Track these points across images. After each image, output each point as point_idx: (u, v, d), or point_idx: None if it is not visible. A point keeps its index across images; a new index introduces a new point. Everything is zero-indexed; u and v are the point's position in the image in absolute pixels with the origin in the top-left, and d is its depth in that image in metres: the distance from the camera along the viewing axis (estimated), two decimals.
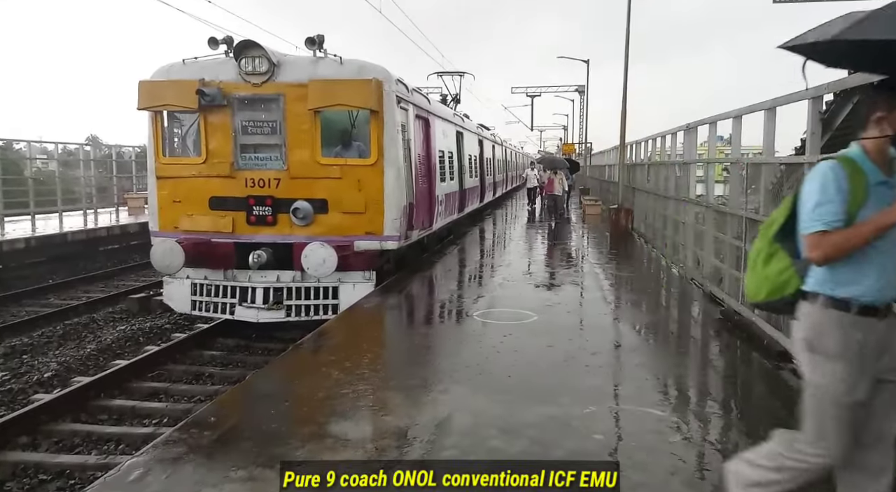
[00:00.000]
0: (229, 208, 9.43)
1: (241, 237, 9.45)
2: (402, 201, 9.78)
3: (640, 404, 5.08)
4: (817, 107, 6.11)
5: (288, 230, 9.37)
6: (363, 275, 9.44)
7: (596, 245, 16.25)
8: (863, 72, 4.00)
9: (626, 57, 18.04)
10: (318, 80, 9.07)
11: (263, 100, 9.32)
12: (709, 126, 9.91)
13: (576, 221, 22.13)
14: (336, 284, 9.37)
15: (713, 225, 9.38)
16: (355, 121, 9.70)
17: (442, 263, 12.61)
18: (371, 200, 9.32)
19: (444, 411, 4.85)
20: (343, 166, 9.36)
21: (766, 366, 6.23)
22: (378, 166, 9.37)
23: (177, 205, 9.61)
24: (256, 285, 9.42)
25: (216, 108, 9.26)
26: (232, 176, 9.40)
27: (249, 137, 9.41)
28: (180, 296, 9.81)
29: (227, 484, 3.78)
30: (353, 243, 9.33)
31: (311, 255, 8.81)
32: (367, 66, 9.46)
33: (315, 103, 9.04)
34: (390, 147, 9.45)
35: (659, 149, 15.00)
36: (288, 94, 9.18)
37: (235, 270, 9.50)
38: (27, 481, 5.85)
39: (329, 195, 9.31)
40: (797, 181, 6.42)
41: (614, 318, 8.42)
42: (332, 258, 8.77)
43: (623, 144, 19.00)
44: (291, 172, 9.32)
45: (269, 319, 9.38)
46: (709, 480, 3.91)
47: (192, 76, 9.25)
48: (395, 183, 9.54)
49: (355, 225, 9.36)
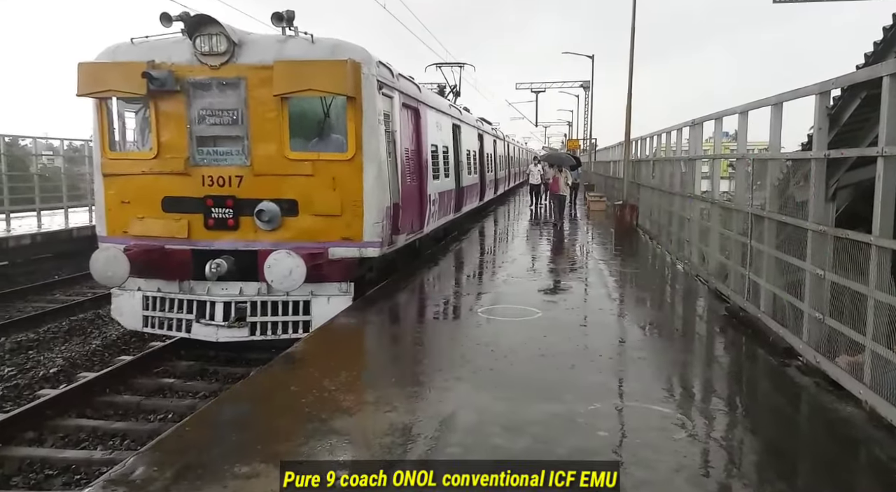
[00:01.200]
0: (185, 210, 8.29)
1: (199, 243, 8.31)
2: (385, 202, 8.67)
3: (644, 401, 5.06)
4: (824, 102, 6.06)
5: (252, 235, 8.24)
6: (339, 287, 8.31)
7: (601, 242, 16.21)
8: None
9: (631, 52, 17.96)
10: (285, 61, 7.90)
11: (222, 85, 8.15)
12: (714, 122, 9.85)
13: (580, 217, 22.08)
14: (307, 297, 8.22)
15: (719, 221, 9.34)
16: (329, 109, 8.45)
17: (435, 269, 11.65)
18: (348, 201, 8.20)
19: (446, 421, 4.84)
20: (315, 162, 8.18)
21: (771, 363, 6.20)
22: (356, 162, 8.21)
23: (126, 206, 8.49)
24: (216, 299, 8.26)
25: (168, 94, 8.12)
26: (187, 173, 8.24)
27: (207, 127, 8.24)
28: (130, 311, 8.66)
29: None
30: (327, 251, 8.20)
31: (275, 265, 7.68)
32: (343, 45, 8.25)
33: (281, 88, 7.89)
34: (370, 139, 8.28)
35: (664, 145, 14.93)
36: (251, 77, 8.03)
37: (193, 282, 8.38)
38: (33, 476, 5.89)
39: (299, 195, 8.19)
40: (803, 177, 6.39)
41: (619, 315, 8.39)
42: (300, 269, 7.65)
43: (628, 140, 18.94)
44: (255, 169, 8.19)
45: (230, 338, 8.25)
46: (713, 477, 3.90)
47: (140, 58, 8.08)
48: (377, 181, 8.37)
49: (330, 229, 8.24)
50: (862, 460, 4.37)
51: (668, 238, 13.46)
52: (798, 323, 6.16)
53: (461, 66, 20.98)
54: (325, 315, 7.98)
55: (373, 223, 8.33)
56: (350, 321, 7.74)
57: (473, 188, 18.26)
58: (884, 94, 4.77)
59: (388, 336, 7.72)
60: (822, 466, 4.27)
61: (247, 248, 8.26)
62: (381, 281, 9.67)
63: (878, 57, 7.33)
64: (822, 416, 5.07)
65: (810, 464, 4.36)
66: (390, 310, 8.65)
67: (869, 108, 6.70)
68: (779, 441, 4.54)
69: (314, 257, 7.97)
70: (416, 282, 10.39)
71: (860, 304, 5.00)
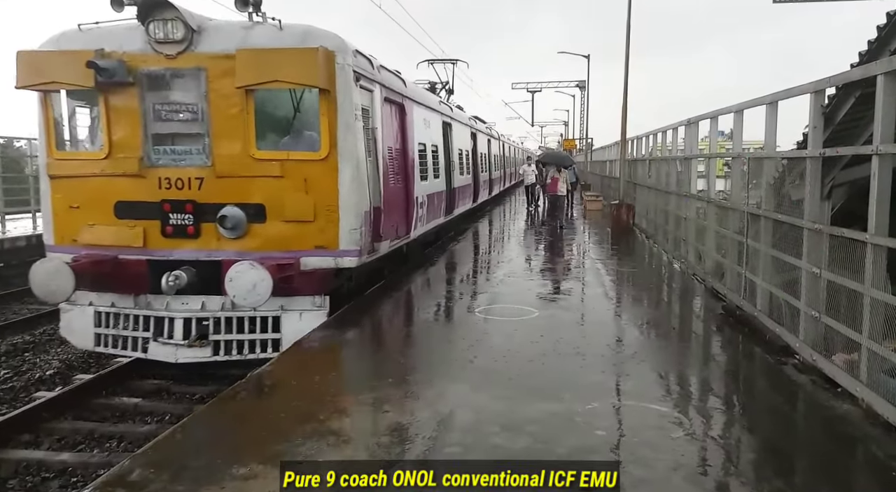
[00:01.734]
0: (139, 216, 7.49)
1: (156, 253, 7.52)
2: (364, 205, 7.87)
3: (642, 400, 5.07)
4: (819, 101, 6.08)
5: (215, 244, 7.48)
6: (313, 301, 7.60)
7: (597, 241, 16.23)
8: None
9: (626, 52, 17.99)
10: (249, 49, 7.16)
11: (180, 76, 7.39)
12: (710, 121, 9.88)
13: (577, 216, 22.08)
14: (277, 313, 7.47)
15: (715, 220, 9.37)
16: (300, 103, 7.76)
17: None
18: (322, 205, 7.45)
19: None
20: (285, 162, 7.41)
21: (768, 361, 6.21)
22: (330, 161, 7.45)
23: (75, 212, 7.66)
24: (175, 315, 7.46)
25: (119, 87, 7.34)
26: (142, 175, 7.45)
27: (164, 124, 7.49)
28: (81, 328, 7.81)
29: None
30: (298, 261, 7.44)
31: (237, 278, 6.89)
32: (315, 32, 7.50)
33: (245, 80, 7.16)
34: (346, 136, 7.51)
35: (660, 144, 14.96)
36: (211, 68, 7.27)
37: (150, 296, 7.60)
38: (30, 479, 5.87)
39: (267, 199, 7.43)
40: (799, 176, 6.41)
41: (616, 314, 8.41)
42: (265, 282, 6.88)
43: (624, 140, 18.97)
44: (218, 170, 7.40)
45: (191, 358, 7.44)
46: (711, 475, 3.91)
47: (87, 46, 7.28)
48: (354, 182, 7.58)
49: (302, 237, 7.47)
50: (859, 458, 4.38)
51: (665, 237, 13.49)
52: (794, 321, 6.19)
53: (454, 63, 20.24)
54: (297, 332, 7.24)
55: (350, 230, 7.56)
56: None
57: (466, 189, 17.55)
58: (878, 93, 4.80)
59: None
60: (820, 463, 4.28)
61: (209, 258, 7.48)
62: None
63: (872, 55, 7.37)
64: (818, 414, 5.08)
65: (807, 462, 4.37)
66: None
67: (864, 106, 6.73)
68: (776, 439, 4.55)
69: (283, 268, 7.25)
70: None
71: (856, 302, 5.02)
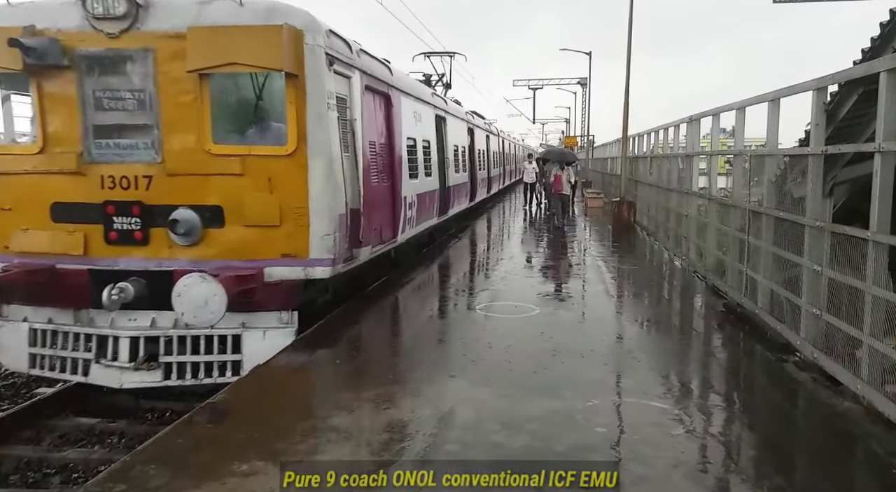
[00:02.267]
0: (79, 220, 6.63)
1: (99, 262, 6.65)
2: (339, 207, 6.99)
3: (642, 397, 5.07)
4: (822, 98, 6.06)
5: (166, 252, 6.62)
6: (279, 317, 6.75)
7: (598, 238, 16.22)
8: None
9: (628, 50, 17.97)
10: (203, 27, 6.28)
11: (124, 58, 6.48)
12: (712, 118, 9.86)
13: (578, 214, 22.01)
14: (237, 331, 6.65)
15: (716, 217, 9.36)
16: (263, 90, 6.83)
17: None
18: (289, 208, 6.59)
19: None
20: (246, 157, 6.57)
21: (768, 358, 6.21)
22: (299, 157, 6.59)
23: (5, 215, 6.80)
24: (121, 333, 6.60)
25: (54, 70, 6.44)
26: (81, 172, 6.57)
27: (106, 114, 6.58)
28: (14, 347, 6.95)
29: None
30: (262, 271, 6.59)
31: (185, 293, 6.04)
32: (280, 8, 6.58)
33: (198, 62, 6.29)
34: (317, 129, 6.64)
35: (661, 141, 14.94)
36: (160, 49, 6.42)
37: (93, 311, 6.76)
38: (31, 475, 5.88)
39: (225, 200, 6.58)
40: (801, 173, 6.40)
41: (617, 311, 8.41)
42: (219, 298, 5.99)
43: (625, 137, 18.95)
44: (169, 167, 6.56)
45: (139, 384, 6.61)
46: (711, 473, 3.91)
47: (16, 23, 6.40)
48: (326, 181, 6.70)
49: (266, 244, 6.62)
50: (859, 455, 4.38)
51: (666, 234, 13.48)
52: (795, 319, 6.18)
53: (451, 56, 19.50)
54: (260, 353, 6.41)
55: (322, 235, 6.67)
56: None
57: (462, 188, 16.65)
58: (881, 90, 4.78)
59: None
60: (820, 461, 4.28)
61: (159, 267, 6.59)
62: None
63: (874, 53, 7.33)
64: (819, 411, 5.08)
65: (808, 459, 4.37)
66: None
67: (866, 103, 6.71)
68: (776, 436, 4.56)
69: (244, 280, 6.40)
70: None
71: (857, 299, 5.01)
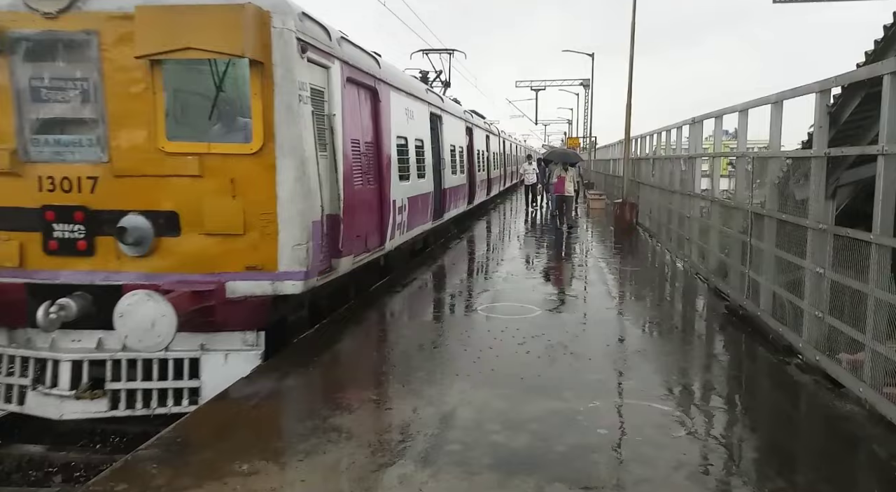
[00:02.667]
0: (14, 227, 5.93)
1: (37, 275, 5.94)
2: (314, 213, 6.24)
3: (644, 399, 5.07)
4: (825, 100, 6.06)
5: (114, 264, 5.89)
6: (243, 338, 6.03)
7: (600, 239, 16.20)
8: None
9: (631, 50, 17.95)
10: (153, 6, 5.52)
11: (64, 42, 5.78)
12: (714, 120, 9.86)
13: (580, 215, 21.96)
14: (196, 354, 5.95)
15: (718, 219, 9.35)
16: (224, 79, 6.00)
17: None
18: (255, 214, 5.84)
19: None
20: (205, 156, 5.82)
21: (771, 360, 6.21)
22: (266, 156, 5.85)
23: None
24: (61, 356, 5.88)
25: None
26: (16, 173, 5.88)
27: (44, 106, 5.88)
28: None
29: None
30: (223, 286, 5.83)
31: (129, 313, 5.25)
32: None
33: (148, 47, 5.51)
34: (287, 124, 5.89)
35: (664, 143, 14.94)
36: (105, 32, 5.69)
37: (31, 331, 6.05)
38: (32, 473, 5.88)
39: (182, 206, 5.85)
40: (804, 175, 6.39)
41: (619, 312, 8.40)
42: (168, 319, 5.22)
43: (628, 138, 18.94)
44: (117, 167, 5.84)
45: (81, 414, 5.86)
46: (713, 475, 3.90)
47: None
48: (298, 184, 5.95)
49: (228, 255, 5.86)
50: (861, 458, 4.37)
51: (668, 236, 13.48)
52: (798, 321, 6.17)
53: (450, 53, 18.90)
54: (221, 380, 5.68)
55: (292, 245, 5.93)
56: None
57: (459, 190, 15.94)
58: (884, 93, 4.78)
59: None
60: (822, 463, 4.27)
61: (106, 281, 5.85)
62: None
63: (878, 55, 7.33)
64: (821, 414, 5.07)
65: (810, 462, 4.36)
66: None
67: (869, 106, 6.70)
68: (778, 439, 4.55)
69: (201, 297, 5.69)
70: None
71: (860, 302, 5.00)
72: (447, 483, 3.75)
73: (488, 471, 3.89)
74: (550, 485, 3.71)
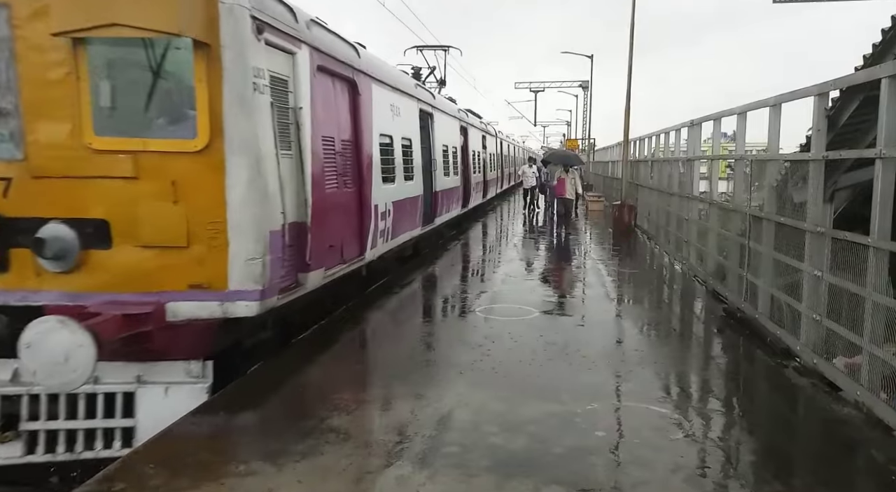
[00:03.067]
0: None
1: None
2: (273, 221, 5.45)
3: (642, 401, 5.08)
4: (823, 103, 6.07)
5: (32, 282, 5.04)
6: (187, 368, 5.21)
7: (599, 241, 16.22)
8: None
9: (630, 53, 17.96)
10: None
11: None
12: (713, 122, 9.87)
13: (578, 217, 21.91)
14: (130, 387, 5.12)
15: (717, 222, 9.36)
16: (163, 63, 5.09)
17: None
18: (200, 222, 5.05)
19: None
20: (140, 155, 5.00)
21: (768, 363, 6.21)
22: (213, 154, 5.04)
23: None
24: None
25: None
26: None
27: None
28: None
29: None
30: (162, 308, 5.02)
31: (38, 344, 4.39)
32: None
33: (67, 22, 4.77)
34: (239, 118, 5.09)
35: (663, 145, 14.96)
36: (18, 4, 4.90)
37: None
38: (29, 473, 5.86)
39: (113, 212, 5.02)
40: (802, 178, 6.40)
41: (617, 315, 8.40)
42: (85, 351, 4.37)
43: (626, 141, 18.96)
44: (35, 166, 5.01)
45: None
46: (710, 477, 3.90)
47: None
48: (252, 187, 5.16)
49: (169, 271, 5.06)
50: (859, 462, 4.38)
51: (666, 238, 13.49)
52: (795, 324, 6.18)
53: (445, 50, 18.14)
54: (160, 417, 4.85)
55: (245, 259, 5.12)
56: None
57: (453, 193, 15.08)
58: (882, 96, 4.79)
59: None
60: (819, 466, 4.28)
61: (23, 302, 4.99)
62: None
63: (876, 59, 7.35)
64: (818, 417, 5.08)
65: (807, 465, 4.37)
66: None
67: (867, 109, 6.72)
68: (776, 442, 4.55)
69: (135, 321, 4.86)
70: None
71: (857, 305, 5.01)
72: (444, 486, 3.76)
73: (486, 473, 3.89)
74: (548, 487, 3.72)
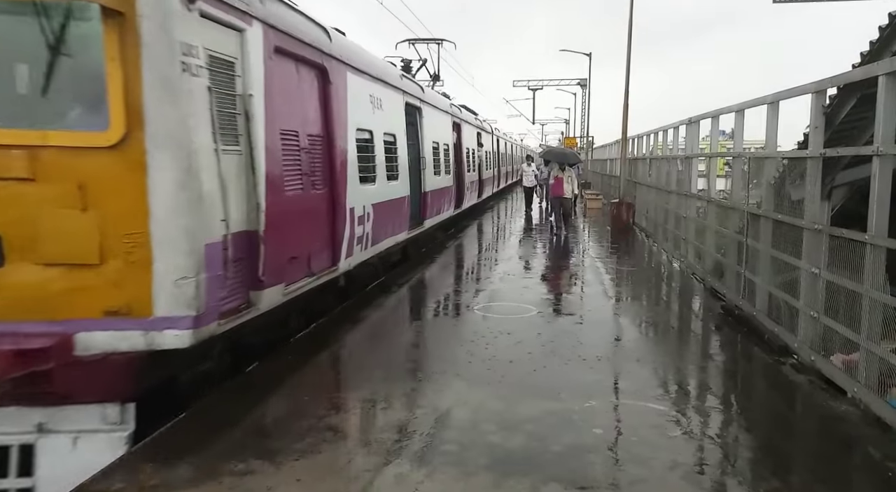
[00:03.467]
0: None
1: None
2: (212, 231, 4.56)
3: (640, 399, 5.08)
4: (820, 101, 6.07)
5: None
6: (102, 413, 4.36)
7: (597, 239, 16.22)
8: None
9: (628, 50, 17.97)
10: None
11: None
12: (711, 120, 9.87)
13: (576, 215, 21.85)
14: (29, 438, 4.28)
15: (715, 219, 9.37)
16: (64, 36, 4.14)
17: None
18: (116, 234, 4.19)
19: None
20: (39, 150, 4.10)
21: (766, 360, 6.22)
22: (131, 150, 4.16)
23: None
24: None
25: None
26: None
27: None
28: None
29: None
30: (70, 339, 4.16)
31: None
32: None
33: None
34: (164, 104, 4.21)
35: (661, 143, 14.96)
36: None
37: None
38: None
39: (5, 222, 4.13)
40: (799, 176, 6.40)
41: (615, 312, 8.41)
42: None
43: (624, 139, 18.96)
44: None
45: None
46: (708, 474, 3.91)
47: None
48: (183, 189, 4.28)
49: (78, 294, 4.18)
50: (856, 458, 4.38)
51: (665, 236, 13.49)
52: (793, 321, 6.19)
53: (439, 43, 17.49)
54: (66, 473, 4.00)
55: (175, 279, 4.23)
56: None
57: (444, 193, 14.16)
58: (879, 94, 4.79)
59: None
60: (817, 463, 4.29)
61: None
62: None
63: (874, 56, 7.35)
64: (816, 414, 5.09)
65: (805, 461, 4.38)
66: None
67: (865, 107, 6.73)
68: (773, 439, 4.56)
69: (33, 357, 4.01)
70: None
71: (855, 302, 5.02)
72: (443, 484, 3.76)
73: (484, 471, 3.89)
74: (546, 485, 3.72)
